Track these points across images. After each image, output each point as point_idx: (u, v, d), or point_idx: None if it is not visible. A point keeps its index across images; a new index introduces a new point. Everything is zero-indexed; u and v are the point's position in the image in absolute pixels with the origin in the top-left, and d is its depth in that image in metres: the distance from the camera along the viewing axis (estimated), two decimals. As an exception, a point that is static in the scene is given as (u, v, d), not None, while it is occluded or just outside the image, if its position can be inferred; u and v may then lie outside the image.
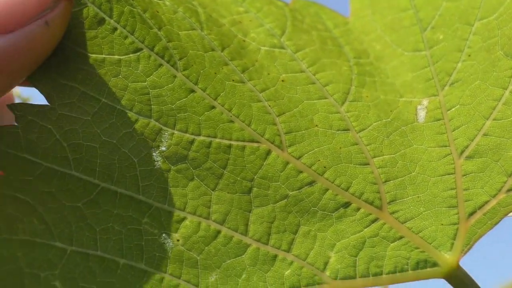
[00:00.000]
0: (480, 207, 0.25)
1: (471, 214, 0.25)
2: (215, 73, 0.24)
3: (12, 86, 0.23)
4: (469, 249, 0.26)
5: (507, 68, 0.24)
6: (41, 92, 0.24)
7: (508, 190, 0.25)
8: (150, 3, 0.24)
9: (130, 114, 0.24)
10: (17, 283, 0.26)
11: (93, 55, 0.24)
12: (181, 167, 0.25)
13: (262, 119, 0.24)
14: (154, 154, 0.25)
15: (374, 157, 0.25)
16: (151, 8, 0.24)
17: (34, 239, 0.25)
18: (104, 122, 0.24)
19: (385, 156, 0.24)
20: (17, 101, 0.24)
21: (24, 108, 0.24)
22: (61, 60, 0.24)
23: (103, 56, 0.24)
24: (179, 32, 0.24)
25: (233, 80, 0.24)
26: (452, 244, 0.25)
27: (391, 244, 0.25)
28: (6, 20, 0.21)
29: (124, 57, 0.24)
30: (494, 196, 0.25)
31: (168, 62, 0.24)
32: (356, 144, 0.24)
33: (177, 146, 0.25)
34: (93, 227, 0.25)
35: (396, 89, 0.23)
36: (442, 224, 0.25)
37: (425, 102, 0.24)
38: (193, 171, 0.25)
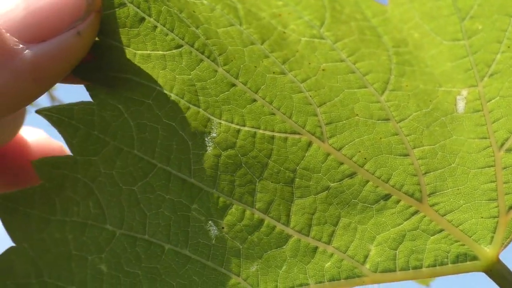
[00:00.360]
0: None
1: (511, 207, 0.25)
2: (255, 66, 0.24)
3: (42, 93, 0.24)
4: (508, 243, 0.26)
5: None
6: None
7: None
8: (186, 3, 0.24)
9: (182, 102, 0.25)
10: (65, 265, 0.26)
11: (139, 51, 0.25)
12: (231, 153, 0.25)
13: (303, 110, 0.25)
14: (206, 139, 0.25)
15: (414, 147, 0.25)
16: (187, 8, 0.24)
17: (86, 222, 0.26)
18: (163, 106, 0.25)
19: (425, 147, 0.25)
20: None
21: (94, 88, 0.25)
22: (110, 57, 0.25)
23: (148, 52, 0.24)
24: (217, 30, 0.24)
25: (273, 72, 0.24)
26: (492, 237, 0.25)
27: (431, 237, 0.26)
28: (40, 29, 0.22)
29: (167, 52, 0.24)
30: None
31: (208, 57, 0.25)
32: (397, 135, 0.25)
33: (226, 134, 0.25)
34: (145, 212, 0.26)
35: (435, 78, 0.23)
36: (482, 217, 0.25)
37: (464, 92, 0.24)
38: (241, 158, 0.25)
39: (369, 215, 0.26)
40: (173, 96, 0.25)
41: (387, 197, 0.25)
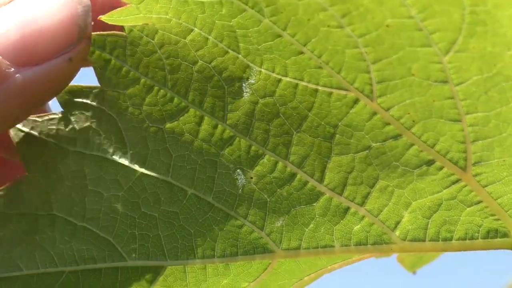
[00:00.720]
0: None
1: None
2: (309, 19, 0.23)
3: (27, 116, 0.24)
4: None
5: None
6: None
7: None
8: None
9: (220, 45, 0.24)
10: (78, 200, 0.25)
11: None
12: (269, 101, 0.24)
13: (354, 66, 0.23)
14: (244, 84, 0.24)
15: (468, 113, 0.24)
16: None
17: (107, 157, 0.25)
18: (200, 48, 0.24)
19: (479, 114, 0.23)
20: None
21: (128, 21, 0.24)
22: None
23: None
24: None
25: (328, 26, 0.23)
26: None
27: (467, 209, 0.25)
28: (33, 54, 0.22)
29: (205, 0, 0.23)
30: None
31: (252, 8, 0.23)
32: (451, 98, 0.23)
33: (266, 81, 0.24)
34: (170, 152, 0.25)
35: (506, 40, 0.22)
36: None
37: None
38: (279, 107, 0.24)
39: (408, 180, 0.25)
40: (211, 39, 0.24)
41: (430, 162, 0.24)
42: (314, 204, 0.25)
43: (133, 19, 0.24)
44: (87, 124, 0.25)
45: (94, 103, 0.25)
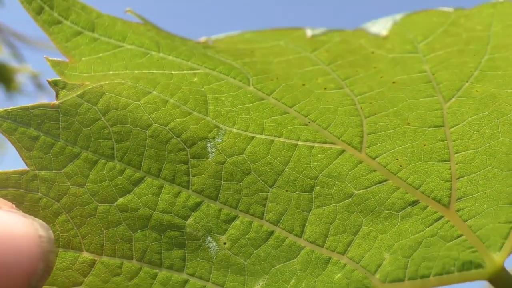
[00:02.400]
0: None
1: None
2: (304, 84, 0.21)
3: None
4: None
5: None
6: None
7: None
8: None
9: (183, 107, 0.22)
10: None
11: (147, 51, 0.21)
12: (238, 159, 0.22)
13: (345, 121, 0.22)
14: (208, 145, 0.22)
15: (457, 152, 0.23)
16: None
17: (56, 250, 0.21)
18: (156, 110, 0.22)
19: (468, 151, 0.23)
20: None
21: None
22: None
23: (151, 71, 0.21)
24: (273, 59, 0.20)
25: (325, 88, 0.21)
26: (503, 244, 0.24)
27: (447, 244, 0.24)
28: None
29: (176, 72, 0.21)
30: None
31: (234, 78, 0.21)
32: (443, 141, 0.23)
33: (235, 140, 0.22)
34: (129, 231, 0.22)
35: (509, 80, 0.21)
36: (499, 222, 0.24)
37: None
38: (251, 164, 0.22)
39: (393, 223, 0.24)
40: (171, 101, 0.22)
41: (414, 203, 0.23)
42: (294, 259, 0.23)
43: (76, 77, 0.20)
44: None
45: (24, 191, 0.21)
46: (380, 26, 0.17)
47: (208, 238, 0.23)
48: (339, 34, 0.18)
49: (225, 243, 0.23)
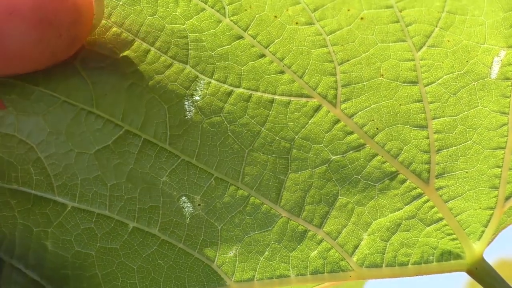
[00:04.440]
0: None
1: (508, 198, 0.24)
2: (275, 16, 0.21)
3: None
4: (493, 239, 0.25)
5: None
6: None
7: None
8: None
9: (164, 57, 0.22)
10: (9, 233, 0.21)
11: None
12: (215, 120, 0.22)
13: (319, 68, 0.22)
14: (186, 103, 0.22)
15: (434, 118, 0.22)
16: None
17: (30, 192, 0.21)
18: (135, 65, 0.21)
19: (445, 118, 0.23)
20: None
21: None
22: None
23: None
24: None
25: (296, 23, 0.21)
26: (483, 232, 0.24)
27: (426, 229, 0.24)
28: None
29: None
30: None
31: (212, 7, 0.21)
32: (419, 101, 0.22)
33: (213, 97, 0.22)
34: (105, 181, 0.21)
35: (483, 31, 0.21)
36: (480, 208, 0.24)
37: (502, 53, 0.22)
38: (228, 125, 0.22)
39: (370, 195, 0.23)
40: (152, 51, 0.21)
41: (393, 175, 0.23)
42: (270, 228, 0.23)
43: None
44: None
45: (5, 131, 0.21)
46: None
47: (183, 198, 0.22)
48: None
49: (199, 205, 0.22)
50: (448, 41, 0.22)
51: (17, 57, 0.19)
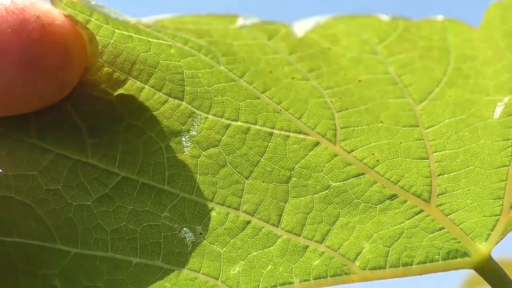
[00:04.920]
0: None
1: None
2: (271, 71, 0.20)
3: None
4: (501, 239, 0.24)
5: None
6: None
7: None
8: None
9: (158, 95, 0.21)
10: (12, 279, 0.22)
11: (118, 31, 0.21)
12: (213, 152, 0.22)
13: (317, 113, 0.22)
14: (183, 139, 0.22)
15: (435, 152, 0.22)
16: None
17: (31, 242, 0.22)
18: (130, 103, 0.21)
19: (446, 151, 0.22)
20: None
21: None
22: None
23: (130, 33, 0.21)
24: (233, 42, 0.19)
25: (292, 78, 0.20)
26: (489, 235, 0.24)
27: (429, 235, 0.24)
28: None
29: (153, 40, 0.21)
30: None
31: (206, 55, 0.21)
32: (420, 140, 0.22)
33: (210, 130, 0.22)
34: (104, 228, 0.22)
35: (487, 89, 0.20)
36: (484, 216, 0.23)
37: (505, 99, 0.21)
38: (226, 157, 0.22)
39: (371, 215, 0.23)
40: (146, 89, 0.21)
41: (393, 197, 0.23)
42: (271, 247, 0.23)
43: None
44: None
45: (1, 192, 0.21)
46: (301, 26, 0.16)
47: (184, 229, 0.23)
48: (270, 27, 0.17)
49: (201, 233, 0.23)
50: (450, 96, 0.21)
51: (3, 99, 0.19)
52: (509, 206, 0.23)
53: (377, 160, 0.22)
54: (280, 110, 0.22)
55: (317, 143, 0.22)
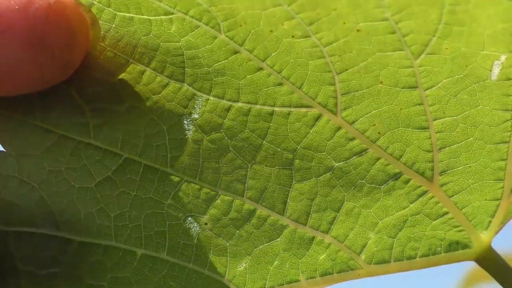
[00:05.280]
0: None
1: None
2: (271, 30, 0.21)
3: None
4: (501, 228, 0.25)
5: None
6: None
7: None
8: None
9: (160, 77, 0.22)
10: (14, 281, 0.21)
11: (120, 13, 0.21)
12: (216, 136, 0.22)
13: (317, 79, 0.22)
14: (185, 122, 0.22)
15: (436, 119, 0.22)
16: None
17: (33, 231, 0.21)
18: (132, 86, 0.22)
19: (446, 119, 0.23)
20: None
21: None
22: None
23: (131, 14, 0.21)
24: None
25: (292, 36, 0.21)
26: (490, 222, 0.24)
27: (433, 223, 0.24)
28: None
29: (154, 17, 0.21)
30: None
31: (207, 24, 0.21)
32: (420, 105, 0.22)
33: (212, 114, 0.22)
34: (107, 212, 0.22)
35: (482, 40, 0.21)
36: (485, 199, 0.24)
37: (503, 57, 0.22)
38: (229, 141, 0.22)
39: (376, 198, 0.23)
40: (148, 71, 0.22)
41: (397, 176, 0.23)
42: (278, 239, 0.23)
43: None
44: (3, 197, 0.21)
45: (6, 172, 0.21)
46: None
47: (189, 218, 0.22)
48: None
49: (206, 224, 0.22)
50: (447, 48, 0.21)
51: (8, 77, 0.19)
52: (509, 189, 0.24)
53: (379, 133, 0.22)
54: (282, 80, 0.22)
55: (319, 116, 0.22)
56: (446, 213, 0.24)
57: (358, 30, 0.21)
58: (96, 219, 0.22)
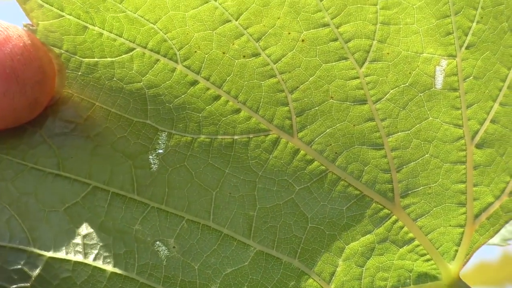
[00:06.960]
0: (484, 209, 0.24)
1: (477, 216, 0.24)
2: (224, 52, 0.22)
3: None
4: (468, 259, 0.25)
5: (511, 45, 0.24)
6: None
7: (511, 193, 0.24)
8: None
9: (124, 117, 0.23)
10: None
11: (86, 59, 0.22)
12: (180, 168, 0.23)
13: (271, 100, 0.23)
14: (150, 157, 0.23)
15: (389, 135, 0.23)
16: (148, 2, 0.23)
17: (3, 244, 0.22)
18: (98, 127, 0.23)
19: (399, 134, 0.23)
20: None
21: None
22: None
23: (96, 59, 0.22)
24: (185, 14, 0.22)
25: (244, 56, 0.22)
26: (456, 251, 0.24)
27: (400, 250, 0.24)
28: None
29: (116, 58, 0.22)
30: (497, 197, 0.24)
31: (165, 56, 0.22)
32: (372, 120, 0.23)
33: (175, 148, 0.23)
34: (77, 231, 0.23)
35: (419, 39, 0.22)
36: (450, 225, 0.24)
37: (443, 63, 0.22)
38: (193, 172, 0.23)
39: (339, 220, 0.23)
40: (113, 112, 0.23)
41: (358, 197, 0.23)
42: (245, 263, 0.23)
43: None
44: None
45: None
46: None
47: (157, 242, 0.23)
48: None
49: (174, 247, 0.23)
50: (388, 53, 0.22)
51: None
52: (472, 215, 0.24)
53: (336, 152, 0.23)
54: (239, 105, 0.23)
55: (277, 139, 0.23)
56: (412, 239, 0.24)
57: (303, 40, 0.22)
58: (65, 237, 0.22)
